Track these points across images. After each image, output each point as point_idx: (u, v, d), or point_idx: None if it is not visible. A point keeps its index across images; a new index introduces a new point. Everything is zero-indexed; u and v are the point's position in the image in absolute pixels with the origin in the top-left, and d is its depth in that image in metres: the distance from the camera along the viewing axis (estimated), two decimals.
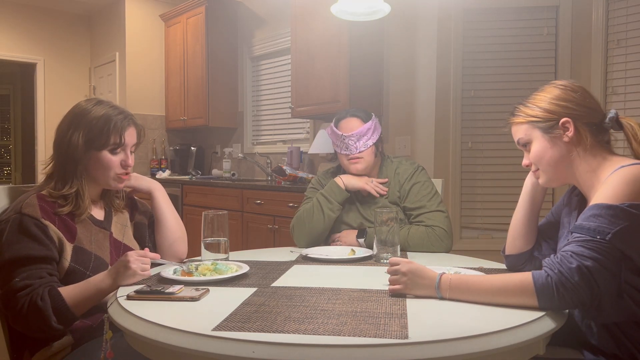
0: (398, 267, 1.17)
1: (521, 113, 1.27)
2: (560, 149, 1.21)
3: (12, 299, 1.25)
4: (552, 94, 1.23)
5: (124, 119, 1.45)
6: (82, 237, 1.40)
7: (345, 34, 3.25)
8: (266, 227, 3.48)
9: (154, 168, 5.26)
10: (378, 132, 1.92)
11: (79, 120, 1.42)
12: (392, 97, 3.42)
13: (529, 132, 1.26)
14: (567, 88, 1.23)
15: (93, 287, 1.29)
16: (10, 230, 1.31)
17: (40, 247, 1.30)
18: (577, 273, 1.00)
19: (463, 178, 3.15)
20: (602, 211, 1.04)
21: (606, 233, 1.01)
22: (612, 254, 1.01)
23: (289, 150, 3.94)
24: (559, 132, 1.20)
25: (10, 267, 1.27)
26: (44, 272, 1.29)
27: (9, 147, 7.92)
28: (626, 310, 1.07)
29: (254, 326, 0.95)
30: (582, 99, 1.21)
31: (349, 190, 1.88)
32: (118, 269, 1.28)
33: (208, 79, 4.68)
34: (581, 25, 2.89)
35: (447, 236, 1.77)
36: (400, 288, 1.16)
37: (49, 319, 1.23)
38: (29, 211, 1.32)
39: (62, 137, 1.42)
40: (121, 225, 1.56)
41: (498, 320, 0.98)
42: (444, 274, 1.14)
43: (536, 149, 1.25)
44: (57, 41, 5.89)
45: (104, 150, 1.42)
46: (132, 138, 1.48)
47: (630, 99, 2.74)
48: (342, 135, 1.88)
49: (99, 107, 1.44)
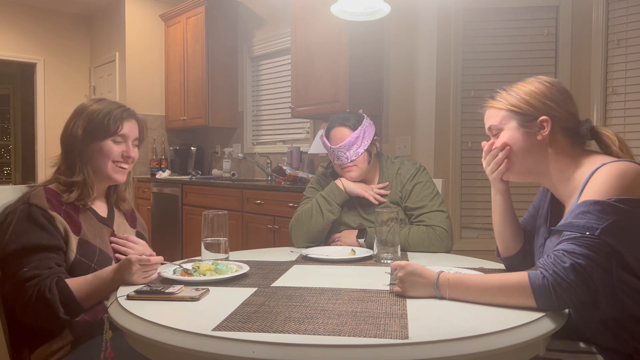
0: (396, 272, 1.17)
1: (502, 99, 1.25)
2: (531, 143, 1.21)
3: (21, 289, 1.26)
4: (537, 89, 1.22)
5: (125, 111, 1.51)
6: (87, 231, 1.43)
7: (345, 34, 3.25)
8: (266, 227, 3.48)
9: (154, 168, 5.25)
10: (369, 137, 1.89)
11: (81, 113, 1.48)
12: (392, 97, 3.42)
13: (504, 120, 1.24)
14: (553, 87, 1.22)
15: (100, 282, 1.30)
16: (18, 219, 1.33)
17: (49, 237, 1.32)
18: (572, 271, 1.00)
19: (463, 178, 3.15)
20: (590, 207, 1.04)
21: (595, 229, 1.02)
22: (603, 250, 1.01)
23: (289, 150, 3.94)
24: (535, 129, 1.20)
25: (20, 255, 1.29)
26: (52, 262, 1.31)
27: (9, 147, 7.92)
28: (621, 306, 1.07)
29: (254, 326, 0.95)
30: (564, 102, 1.21)
31: (348, 194, 1.88)
32: (122, 271, 1.28)
33: (208, 79, 4.68)
34: (581, 25, 2.89)
35: (448, 236, 1.77)
36: (401, 291, 1.16)
37: (57, 310, 1.25)
38: (36, 202, 1.35)
39: (66, 131, 1.49)
40: (123, 226, 1.59)
41: (498, 320, 0.98)
42: (442, 272, 1.14)
43: (506, 138, 1.23)
44: (57, 41, 5.89)
45: (104, 139, 1.47)
46: (132, 130, 1.52)
47: (630, 99, 2.74)
48: (331, 147, 1.88)
49: (100, 102, 1.51)
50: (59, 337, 1.35)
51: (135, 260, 1.27)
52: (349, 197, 1.89)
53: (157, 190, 4.72)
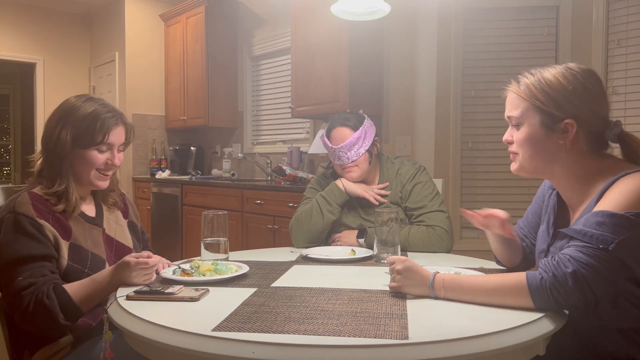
0: (394, 265, 1.17)
1: (528, 88, 1.14)
2: (550, 145, 1.13)
3: (17, 298, 1.23)
4: (569, 85, 1.10)
5: (112, 117, 1.43)
6: (77, 235, 1.40)
7: (345, 34, 3.25)
8: (266, 227, 3.47)
9: (154, 168, 5.25)
10: (370, 138, 1.89)
11: (68, 117, 1.41)
12: (392, 97, 3.42)
13: (527, 113, 1.14)
14: (586, 83, 1.11)
15: (97, 285, 1.28)
16: (5, 230, 1.29)
17: (40, 246, 1.29)
18: (572, 278, 0.99)
19: (463, 178, 3.14)
20: (606, 219, 1.00)
21: (609, 242, 0.99)
22: (612, 263, 0.99)
23: (289, 150, 3.94)
24: (558, 132, 1.12)
25: (12, 266, 1.26)
26: (45, 270, 1.28)
27: (9, 147, 7.92)
28: (626, 317, 1.06)
29: (253, 326, 0.95)
30: (595, 103, 1.11)
31: (349, 195, 1.88)
32: (120, 273, 1.27)
33: (208, 79, 4.67)
34: (581, 25, 2.89)
35: (448, 236, 1.76)
36: (397, 286, 1.16)
37: (56, 316, 1.23)
38: (23, 210, 1.30)
39: (50, 133, 1.41)
40: (114, 223, 1.55)
41: (498, 320, 0.98)
42: (437, 273, 1.13)
43: (526, 135, 1.15)
44: (57, 41, 5.89)
45: (89, 148, 1.41)
46: (119, 137, 1.46)
47: (630, 99, 2.74)
48: (332, 148, 1.88)
49: (88, 104, 1.42)
50: (60, 340, 1.34)
51: (134, 263, 1.26)
52: (350, 198, 1.89)
53: (157, 190, 4.72)
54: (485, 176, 3.11)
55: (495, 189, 3.09)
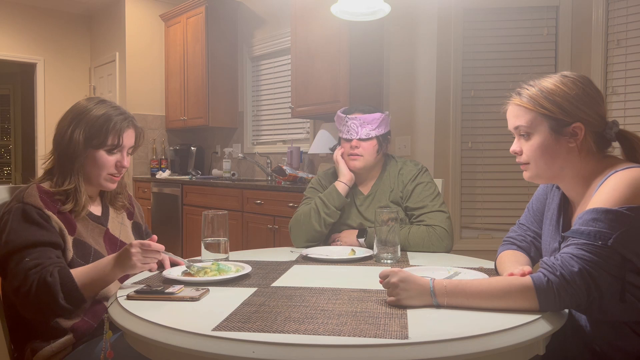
0: (388, 279, 1.10)
1: (531, 98, 1.17)
2: (562, 149, 1.16)
3: (23, 278, 1.24)
4: (570, 91, 1.14)
5: (124, 120, 1.47)
6: (82, 231, 1.42)
7: (345, 34, 3.25)
8: (266, 227, 3.48)
9: (154, 168, 5.25)
10: (385, 128, 1.89)
11: (80, 118, 1.43)
12: (392, 97, 3.42)
13: (534, 123, 1.17)
14: (585, 88, 1.15)
15: (100, 271, 1.29)
16: (14, 218, 1.32)
17: (48, 233, 1.31)
18: (579, 276, 0.99)
19: (463, 178, 3.14)
20: (601, 215, 1.02)
21: (607, 238, 1.00)
22: (613, 258, 1.00)
23: (289, 150, 3.94)
24: (567, 136, 1.15)
25: (20, 250, 1.28)
26: (52, 254, 1.30)
27: (9, 147, 7.92)
28: (632, 310, 1.06)
29: (254, 326, 0.95)
30: (596, 105, 1.16)
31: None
32: (122, 257, 1.28)
33: (208, 79, 4.68)
34: (581, 25, 2.89)
35: (448, 236, 1.77)
36: (396, 300, 1.09)
37: (56, 295, 1.23)
38: (31, 200, 1.34)
39: (62, 133, 1.44)
40: (119, 223, 1.57)
41: (498, 320, 0.98)
42: (435, 280, 1.09)
43: (538, 144, 1.17)
44: (57, 41, 5.89)
45: (101, 149, 1.44)
46: (130, 140, 1.50)
47: (630, 99, 2.74)
48: (346, 118, 1.85)
49: (100, 106, 1.46)
50: (61, 339, 1.34)
51: (137, 243, 1.27)
52: (349, 200, 1.89)
53: (157, 190, 4.72)
54: (485, 176, 3.12)
55: (495, 189, 3.10)
